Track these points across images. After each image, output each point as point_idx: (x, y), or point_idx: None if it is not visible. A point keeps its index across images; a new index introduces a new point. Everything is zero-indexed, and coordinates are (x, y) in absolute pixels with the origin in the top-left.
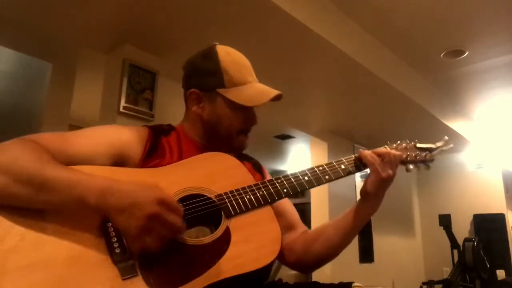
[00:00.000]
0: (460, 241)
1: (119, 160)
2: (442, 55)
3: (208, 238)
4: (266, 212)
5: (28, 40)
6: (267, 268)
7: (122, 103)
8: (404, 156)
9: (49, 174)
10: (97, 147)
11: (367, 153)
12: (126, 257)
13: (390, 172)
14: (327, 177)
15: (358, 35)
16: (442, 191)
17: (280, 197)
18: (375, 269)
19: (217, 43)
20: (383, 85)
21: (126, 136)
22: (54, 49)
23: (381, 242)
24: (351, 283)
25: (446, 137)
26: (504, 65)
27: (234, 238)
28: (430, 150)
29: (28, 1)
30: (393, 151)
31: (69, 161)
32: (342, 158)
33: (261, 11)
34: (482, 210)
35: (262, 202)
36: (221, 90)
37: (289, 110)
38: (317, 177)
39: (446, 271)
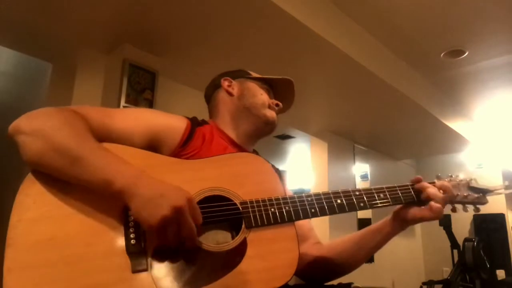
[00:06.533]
0: (460, 241)
1: (155, 144)
2: (442, 55)
3: (223, 246)
4: (288, 230)
5: (28, 40)
6: None
7: (122, 103)
8: (455, 194)
9: (86, 152)
10: (135, 127)
11: (429, 187)
12: (140, 250)
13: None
14: (361, 204)
15: (358, 35)
16: None
17: (306, 217)
18: (375, 269)
19: None
20: (383, 85)
21: (165, 122)
22: (54, 49)
23: None
24: (350, 284)
25: (507, 182)
26: (504, 65)
27: (249, 252)
28: (484, 191)
29: (28, 1)
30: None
31: (107, 136)
32: (383, 187)
33: (260, 11)
34: (482, 210)
35: (286, 219)
36: (247, 77)
37: (289, 110)
38: (350, 202)
39: (446, 271)
